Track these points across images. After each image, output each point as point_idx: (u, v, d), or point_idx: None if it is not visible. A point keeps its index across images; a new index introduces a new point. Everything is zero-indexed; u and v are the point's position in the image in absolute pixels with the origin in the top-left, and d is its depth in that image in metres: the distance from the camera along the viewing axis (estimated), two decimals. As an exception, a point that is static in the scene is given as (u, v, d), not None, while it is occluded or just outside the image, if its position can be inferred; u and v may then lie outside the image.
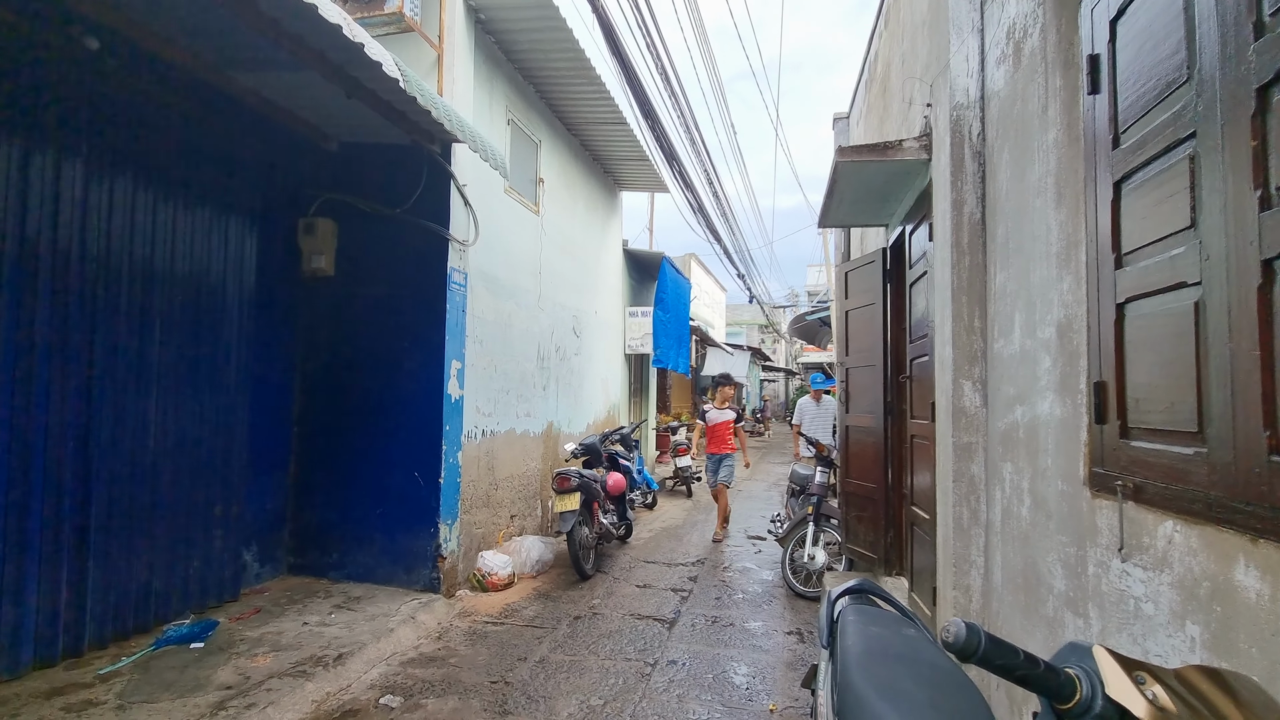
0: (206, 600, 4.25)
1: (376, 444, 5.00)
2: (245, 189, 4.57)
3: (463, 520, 5.16)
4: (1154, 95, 1.44)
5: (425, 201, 4.89)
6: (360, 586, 4.85)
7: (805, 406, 7.51)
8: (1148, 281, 1.45)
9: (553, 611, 4.75)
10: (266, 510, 4.94)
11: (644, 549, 6.72)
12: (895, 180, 3.73)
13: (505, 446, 5.99)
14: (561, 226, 7.45)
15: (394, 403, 4.98)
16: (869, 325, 4.70)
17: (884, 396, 4.47)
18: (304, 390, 5.21)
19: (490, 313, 5.70)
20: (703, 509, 9.17)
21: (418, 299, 4.96)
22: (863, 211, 4.32)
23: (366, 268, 5.11)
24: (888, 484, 4.45)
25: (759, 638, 4.31)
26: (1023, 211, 2.15)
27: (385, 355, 5.03)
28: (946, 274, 2.57)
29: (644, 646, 4.10)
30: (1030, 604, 2.01)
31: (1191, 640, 1.26)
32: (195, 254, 4.20)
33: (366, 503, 4.99)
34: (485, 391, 5.62)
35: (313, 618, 4.21)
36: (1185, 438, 1.30)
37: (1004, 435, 2.25)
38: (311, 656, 3.63)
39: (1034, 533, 1.99)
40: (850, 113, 6.69)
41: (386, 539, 4.93)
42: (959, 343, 2.48)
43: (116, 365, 3.71)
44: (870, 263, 4.71)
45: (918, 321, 3.74)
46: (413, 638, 4.12)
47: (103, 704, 3.07)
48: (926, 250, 3.44)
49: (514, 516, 6.17)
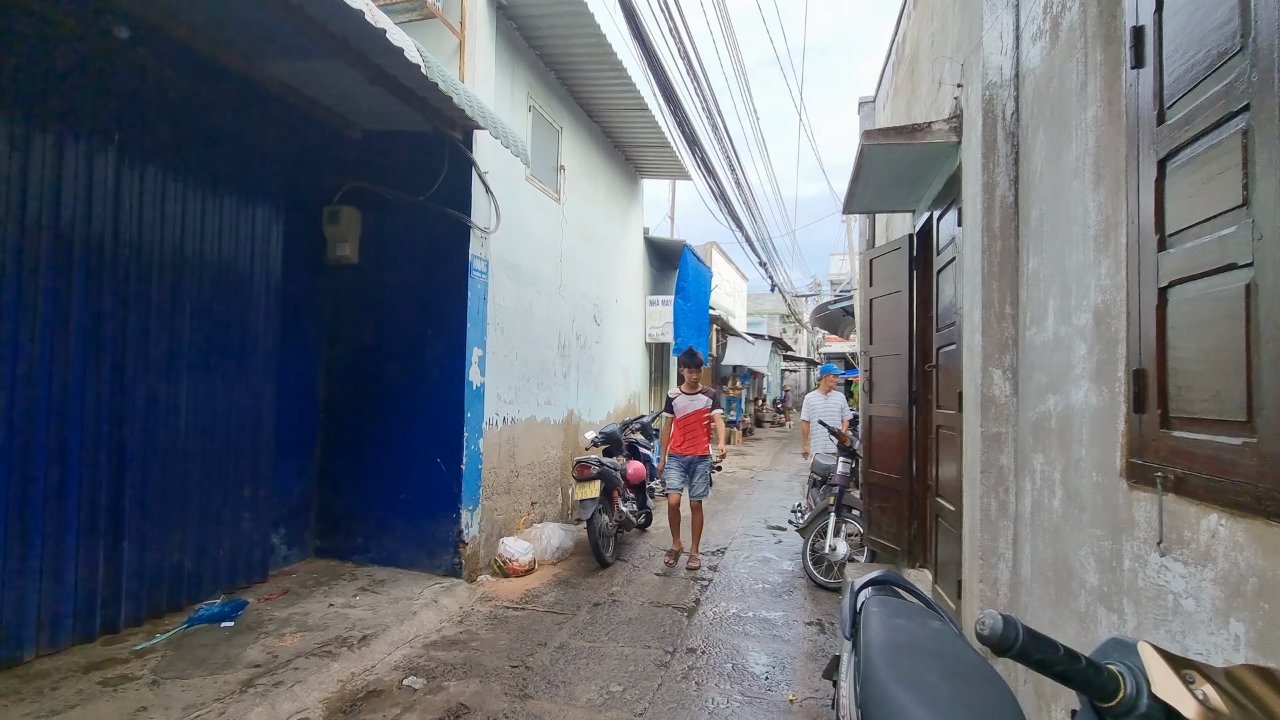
0: (236, 581, 4.35)
1: (400, 430, 5.06)
2: (271, 177, 4.62)
3: (484, 506, 5.20)
4: (1204, 67, 1.36)
5: (447, 189, 4.89)
6: (384, 570, 4.93)
7: (813, 401, 7.29)
8: (1194, 264, 1.38)
9: (573, 598, 4.78)
10: (293, 494, 5.03)
11: (664, 537, 6.73)
12: (923, 164, 3.63)
13: (526, 434, 6.02)
14: (582, 214, 7.42)
15: (417, 389, 5.03)
16: (894, 313, 4.61)
17: (909, 386, 4.39)
18: (329, 377, 5.28)
19: (511, 300, 5.72)
20: (723, 498, 9.15)
21: (440, 286, 4.99)
22: (889, 197, 4.22)
23: (390, 255, 5.15)
24: (912, 475, 4.38)
25: (779, 628, 4.29)
26: (1058, 193, 2.07)
27: (408, 342, 5.07)
28: (977, 259, 2.49)
29: (663, 635, 4.11)
30: (1060, 598, 1.96)
31: (1236, 638, 1.20)
32: (223, 242, 4.27)
33: (390, 488, 5.06)
34: (506, 379, 5.64)
35: (338, 600, 4.29)
36: (1233, 427, 1.24)
37: (1035, 425, 2.18)
38: (337, 637, 3.70)
39: (1066, 525, 1.93)
40: (876, 96, 6.54)
41: (409, 524, 4.99)
42: (989, 330, 2.41)
43: (148, 351, 3.80)
44: (896, 249, 4.61)
45: (944, 309, 3.65)
46: (435, 621, 4.18)
47: (138, 679, 3.16)
48: (955, 236, 3.35)
49: (535, 503, 6.21)
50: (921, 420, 4.38)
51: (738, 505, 8.70)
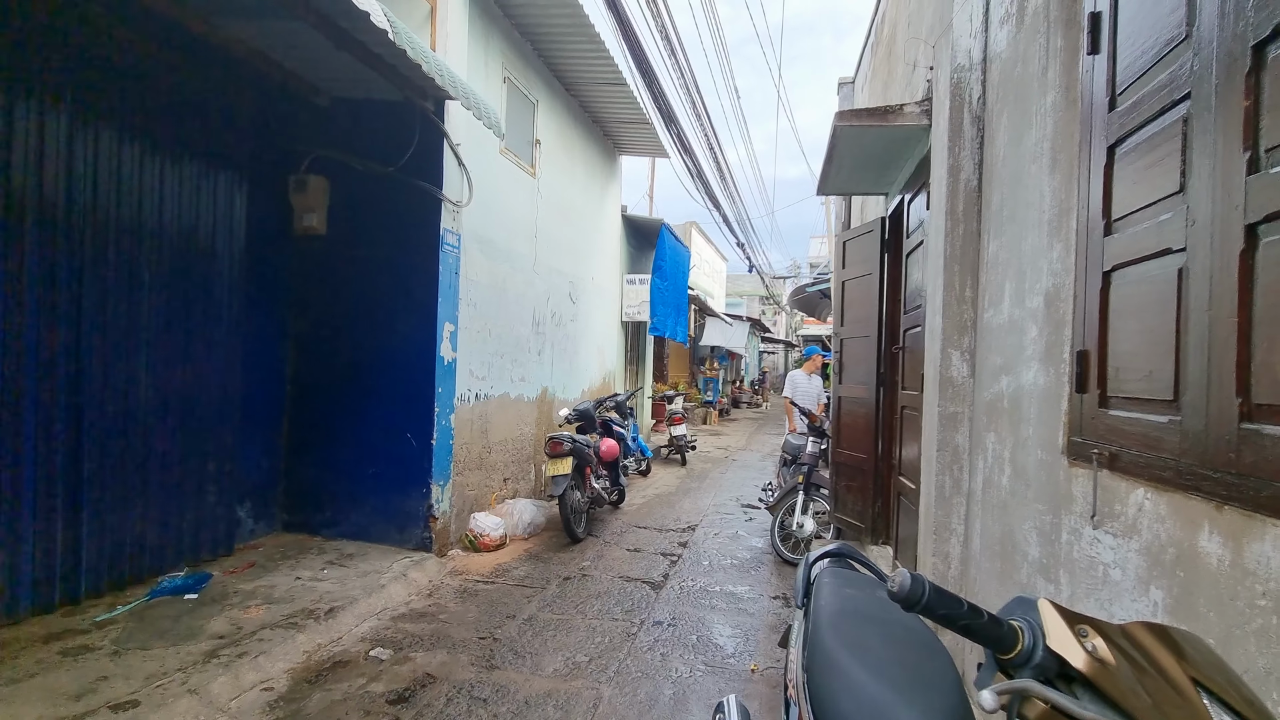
0: (201, 554, 4.31)
1: (369, 404, 5.01)
2: (235, 143, 4.49)
3: (455, 482, 5.20)
4: (1153, 55, 1.39)
5: (419, 160, 4.80)
6: (353, 544, 4.92)
7: (797, 379, 7.39)
8: (1135, 248, 1.42)
9: (542, 572, 4.83)
10: (260, 468, 4.98)
11: (636, 515, 6.80)
12: (896, 147, 3.66)
13: (499, 410, 6.01)
14: (559, 190, 7.34)
15: (386, 364, 4.98)
16: (865, 296, 4.66)
17: (877, 368, 4.47)
18: (296, 349, 5.20)
19: (484, 276, 5.66)
20: (696, 477, 9.25)
21: (410, 260, 4.92)
22: (862, 179, 4.25)
23: (359, 227, 5.05)
24: (878, 455, 4.48)
25: (745, 601, 4.39)
26: (1018, 178, 2.11)
27: (378, 316, 5.01)
28: (940, 242, 2.53)
29: (631, 608, 4.18)
30: (1006, 570, 2.04)
31: (1154, 605, 1.27)
32: (184, 209, 4.14)
33: (359, 462, 5.03)
34: (479, 355, 5.61)
35: (305, 573, 4.28)
36: (1161, 406, 1.29)
37: (989, 405, 2.25)
38: (303, 609, 3.70)
39: (1013, 501, 2.00)
40: (855, 77, 6.54)
41: (379, 498, 4.98)
42: (949, 312, 2.46)
43: (106, 320, 3.70)
44: (868, 232, 4.65)
45: (912, 292, 3.71)
46: (404, 594, 4.19)
47: (98, 649, 3.14)
48: (924, 219, 3.40)
49: (507, 479, 6.22)
50: (888, 402, 4.47)
51: (711, 483, 8.81)
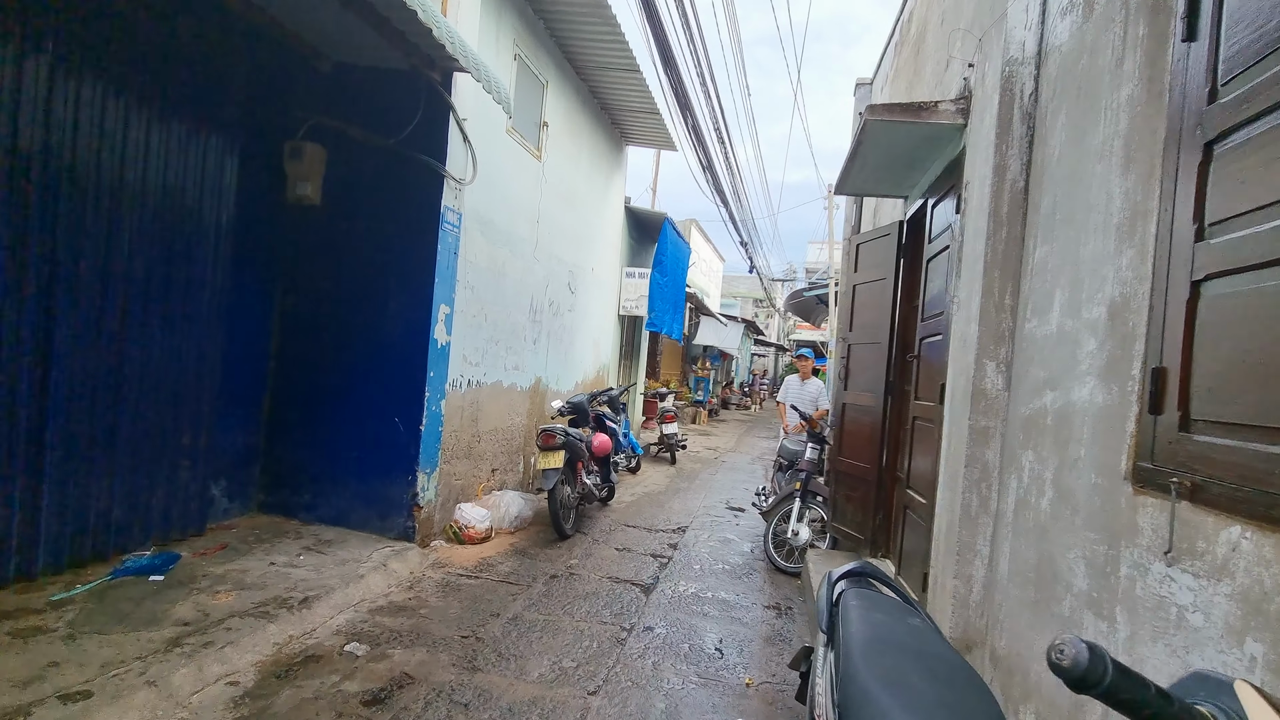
0: (170, 533, 4.09)
1: (357, 385, 4.80)
2: (229, 104, 4.25)
3: (442, 470, 5.01)
4: (1273, 37, 1.24)
5: (421, 134, 4.59)
6: (332, 530, 4.71)
7: (790, 384, 7.24)
8: (1238, 256, 1.27)
9: (529, 569, 4.65)
10: (238, 445, 4.75)
11: (625, 513, 6.64)
12: (924, 147, 3.51)
13: (491, 398, 5.81)
14: (564, 175, 7.14)
15: (377, 344, 4.77)
16: (877, 300, 4.52)
17: (886, 375, 4.32)
18: (283, 323, 4.97)
19: (484, 258, 5.46)
20: (685, 477, 9.11)
21: (408, 237, 4.70)
22: (884, 180, 4.09)
23: (355, 199, 4.83)
24: (881, 465, 4.34)
25: (738, 610, 4.24)
26: (1077, 179, 1.96)
27: (371, 293, 4.79)
28: (980, 246, 2.38)
29: (620, 611, 4.01)
30: (1041, 600, 1.89)
31: (1251, 659, 1.12)
32: (170, 168, 3.90)
33: (343, 444, 4.82)
34: (473, 340, 5.41)
35: (280, 558, 4.07)
36: (1272, 435, 1.14)
37: (1027, 421, 2.10)
38: (276, 598, 3.50)
39: (1055, 526, 1.85)
40: (874, 78, 6.39)
41: (362, 483, 4.77)
42: (986, 320, 2.31)
43: (79, 282, 3.46)
44: (885, 235, 4.51)
45: (932, 299, 3.56)
46: (383, 585, 4.00)
47: (52, 631, 2.92)
48: (951, 224, 3.25)
49: (495, 470, 6.03)
50: (896, 411, 4.33)
51: (700, 485, 8.67)
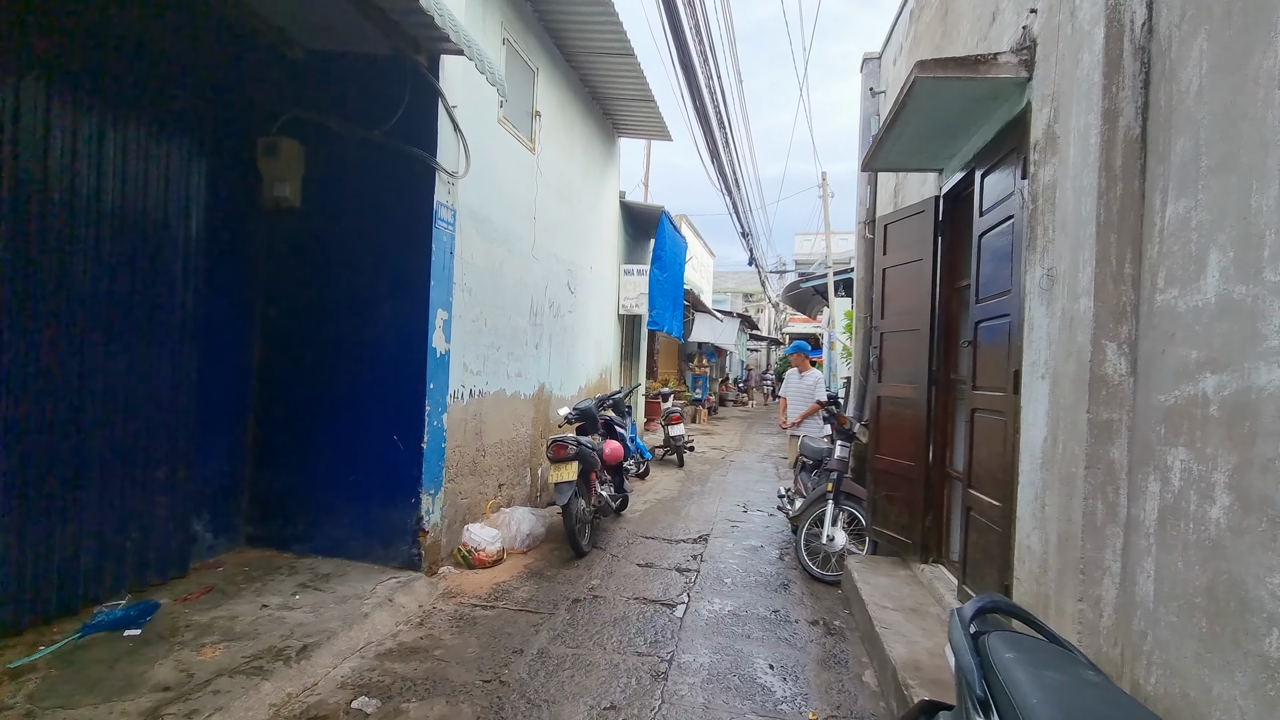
0: (147, 577, 3.66)
1: (350, 401, 4.39)
2: (192, 100, 3.82)
3: (447, 490, 4.61)
4: None
5: (409, 124, 4.18)
6: (329, 562, 4.29)
7: (789, 379, 6.96)
8: None
9: (548, 593, 4.26)
10: (220, 473, 4.32)
11: (641, 523, 6.26)
12: (972, 110, 3.16)
13: (494, 409, 5.41)
14: (559, 169, 6.75)
15: (370, 355, 4.35)
16: (913, 284, 4.18)
17: (929, 364, 3.98)
18: (265, 338, 4.54)
19: (481, 258, 5.06)
20: (696, 480, 8.75)
21: (399, 237, 4.30)
22: (921, 151, 3.75)
23: (339, 198, 4.42)
24: (928, 462, 4.00)
25: (782, 628, 3.87)
26: (1233, 115, 1.61)
27: (361, 300, 4.38)
28: (1087, 207, 2.03)
29: (655, 638, 3.64)
30: (1219, 633, 1.54)
31: None
32: (129, 175, 3.47)
33: (338, 468, 4.40)
34: (474, 347, 5.01)
35: (273, 599, 3.65)
36: None
37: (1173, 412, 1.75)
38: (270, 648, 3.08)
39: (1239, 542, 1.50)
40: (884, 52, 6.05)
41: (360, 509, 4.35)
42: (1103, 294, 1.96)
43: (30, 303, 3.03)
44: (918, 213, 4.17)
45: (988, 278, 3.22)
46: (390, 624, 3.59)
47: (8, 709, 2.50)
48: (1015, 191, 2.91)
49: (502, 485, 5.63)
50: (941, 402, 3.99)
51: (713, 488, 8.31)
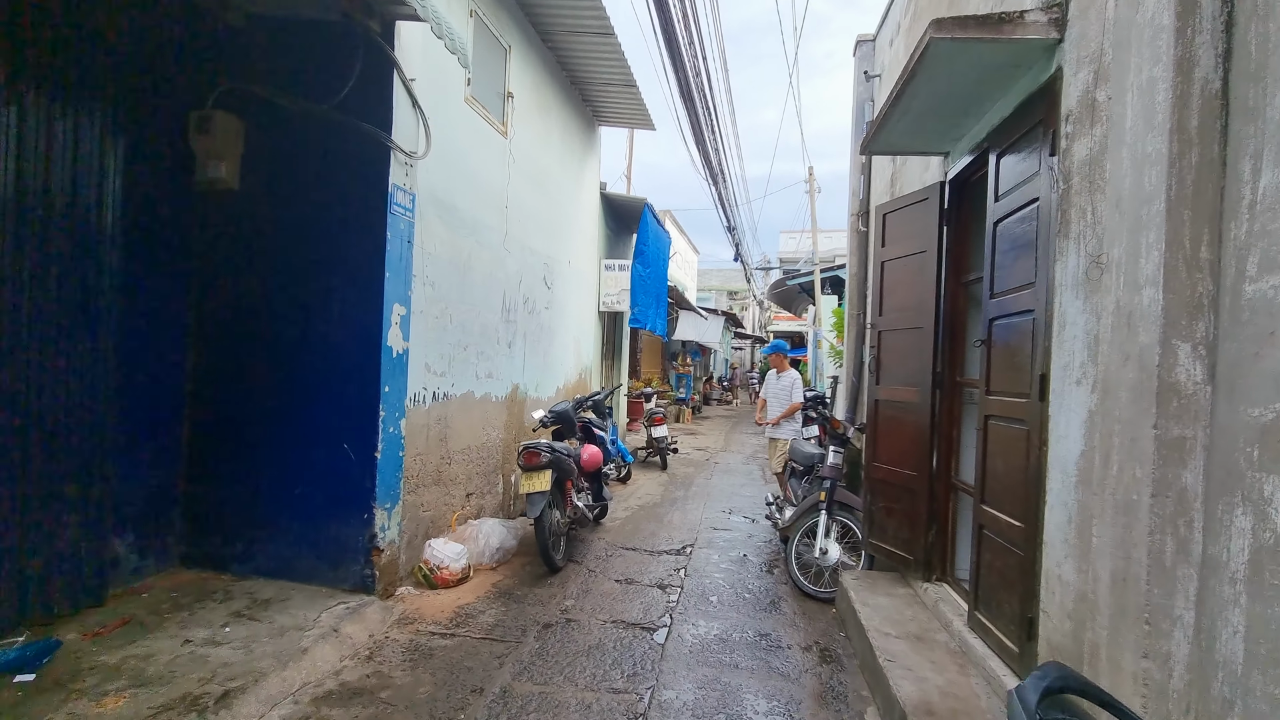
0: (54, 608, 3.20)
1: (296, 406, 3.95)
2: (112, 69, 3.36)
3: (406, 502, 4.19)
4: None
5: (361, 97, 3.75)
6: (272, 585, 3.85)
7: (769, 379, 6.67)
8: None
9: (517, 617, 3.86)
10: (147, 487, 3.86)
11: (621, 532, 5.88)
12: (990, 79, 2.82)
13: (461, 412, 4.99)
14: (533, 156, 6.33)
15: (319, 355, 3.92)
16: (916, 278, 3.84)
17: (933, 366, 3.65)
18: (201, 336, 4.09)
19: (445, 249, 4.63)
20: (680, 483, 8.39)
21: (351, 223, 3.87)
22: (926, 131, 3.41)
23: (283, 180, 3.98)
24: (932, 472, 3.66)
25: (773, 655, 3.52)
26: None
27: (308, 295, 3.94)
28: (1154, 179, 1.68)
29: (634, 670, 3.26)
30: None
31: None
32: (25, 152, 3.00)
33: (282, 479, 3.96)
34: (437, 346, 4.59)
35: (199, 632, 3.21)
36: None
37: (1269, 430, 1.40)
38: (185, 695, 2.65)
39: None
40: (878, 34, 5.72)
41: (307, 525, 3.92)
42: (1174, 283, 1.62)
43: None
44: (921, 201, 3.83)
45: (1007, 270, 2.88)
46: (333, 659, 3.17)
47: None
48: (1043, 170, 2.57)
49: (470, 495, 5.21)
50: (946, 407, 3.66)
51: (698, 492, 7.95)
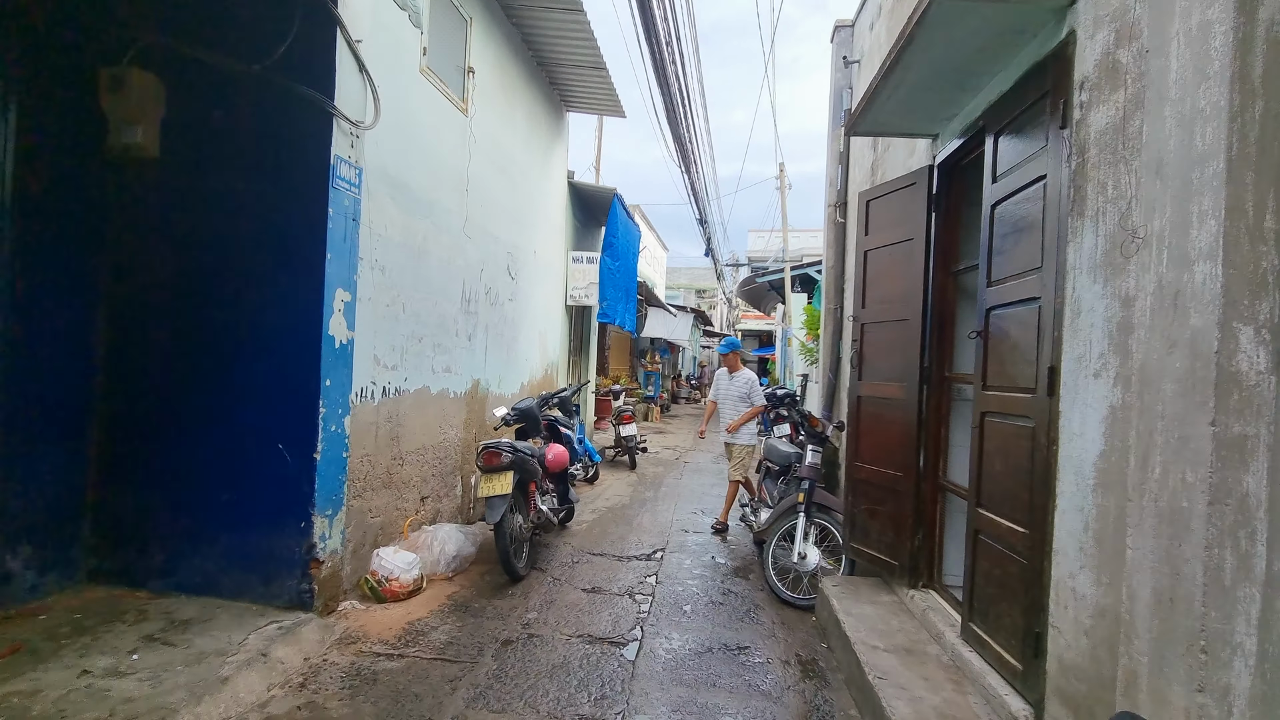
0: (-75, 637, 2.75)
1: (225, 403, 3.54)
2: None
3: (352, 508, 3.81)
4: None
5: (299, 58, 3.37)
6: (194, 603, 3.43)
7: (719, 380, 6.27)
8: None
9: (474, 633, 3.53)
10: (50, 493, 3.40)
11: (588, 536, 5.58)
12: (991, 48, 2.61)
13: (416, 409, 4.61)
14: (497, 137, 5.96)
15: (251, 345, 3.52)
16: (902, 267, 3.63)
17: (920, 360, 3.45)
18: (114, 323, 3.64)
19: (397, 231, 4.25)
20: (649, 483, 8.12)
21: (287, 198, 3.47)
22: (918, 108, 3.19)
23: (211, 148, 3.56)
24: (919, 471, 3.46)
25: (753, 671, 3.26)
26: None
27: (238, 277, 3.53)
28: (1210, 136, 1.46)
29: (602, 693, 2.96)
30: None
31: None
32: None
33: (209, 484, 3.55)
34: (389, 337, 4.21)
35: (102, 660, 2.80)
36: None
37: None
38: (74, 742, 2.26)
39: None
40: (858, 18, 5.53)
41: (237, 536, 3.51)
42: (1234, 257, 1.40)
43: None
44: (909, 185, 3.62)
45: (1007, 255, 2.68)
46: (260, 688, 2.79)
47: None
48: (1051, 144, 2.36)
49: (426, 498, 4.84)
50: (934, 403, 3.46)
51: (667, 492, 7.69)
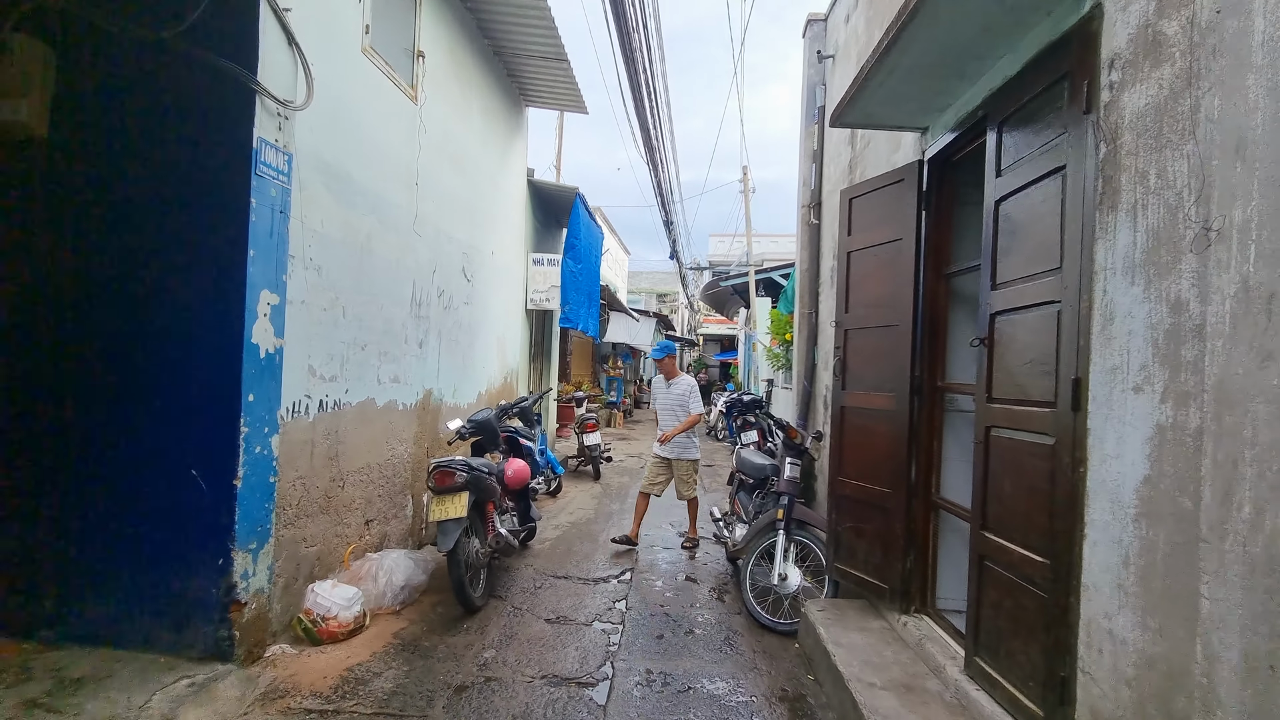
0: None
1: (128, 422, 3.06)
2: None
3: (282, 538, 3.36)
4: None
5: (215, 25, 2.94)
6: (90, 656, 2.94)
7: (655, 388, 5.94)
8: None
9: (423, 678, 3.12)
10: (-93, 534, 2.87)
11: (551, 556, 5.20)
12: (999, 26, 2.39)
13: (359, 424, 4.17)
14: (450, 129, 5.55)
15: (159, 355, 3.05)
16: (888, 269, 3.40)
17: (911, 368, 3.21)
18: (-7, 330, 3.12)
19: (336, 227, 3.82)
20: (615, 495, 7.77)
21: (201, 186, 3.02)
22: (910, 96, 2.96)
23: (110, 127, 3.08)
24: (910, 487, 3.22)
25: (735, 712, 2.95)
26: None
27: (144, 275, 3.07)
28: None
29: (569, 749, 2.62)
30: None
31: None
32: None
33: (109, 516, 3.06)
34: (326, 344, 3.76)
35: (-40, 741, 2.31)
36: None
37: None
38: None
39: None
40: (831, 12, 5.33)
41: (142, 576, 3.04)
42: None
43: None
44: (897, 182, 3.39)
45: (1016, 254, 2.45)
46: (161, 766, 2.35)
47: None
48: (1071, 131, 2.13)
49: (370, 522, 4.39)
50: (926, 415, 3.23)
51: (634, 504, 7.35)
